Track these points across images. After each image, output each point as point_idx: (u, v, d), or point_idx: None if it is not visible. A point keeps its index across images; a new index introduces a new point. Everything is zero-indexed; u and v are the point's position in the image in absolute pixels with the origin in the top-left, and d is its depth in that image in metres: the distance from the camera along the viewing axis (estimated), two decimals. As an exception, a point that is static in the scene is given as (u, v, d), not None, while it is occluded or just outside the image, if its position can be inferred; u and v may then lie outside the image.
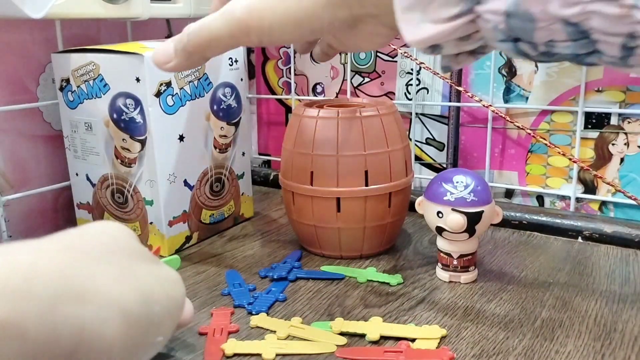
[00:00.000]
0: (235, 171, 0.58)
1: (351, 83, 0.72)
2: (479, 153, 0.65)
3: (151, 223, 0.51)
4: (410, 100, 0.67)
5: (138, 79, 0.47)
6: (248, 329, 0.39)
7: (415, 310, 0.41)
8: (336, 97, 0.73)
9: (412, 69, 0.66)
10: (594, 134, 0.58)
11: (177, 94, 0.50)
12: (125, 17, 0.54)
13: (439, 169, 0.68)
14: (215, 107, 0.54)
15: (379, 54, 0.69)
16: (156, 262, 0.32)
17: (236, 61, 0.56)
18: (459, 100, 0.64)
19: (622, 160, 0.57)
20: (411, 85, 0.67)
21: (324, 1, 0.34)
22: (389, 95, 0.70)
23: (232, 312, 0.41)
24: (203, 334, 0.38)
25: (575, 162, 0.56)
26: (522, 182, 0.63)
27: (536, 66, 0.59)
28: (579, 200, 0.60)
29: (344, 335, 0.37)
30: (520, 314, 0.40)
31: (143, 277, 0.29)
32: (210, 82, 0.53)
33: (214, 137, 0.55)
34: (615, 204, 0.58)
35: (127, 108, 0.48)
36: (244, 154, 0.59)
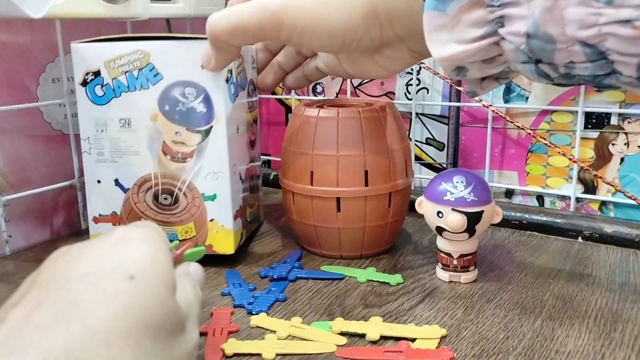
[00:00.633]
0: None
1: (351, 83, 0.72)
2: (479, 153, 0.65)
3: (211, 220, 0.48)
4: (410, 100, 0.67)
5: (203, 66, 0.44)
6: (248, 329, 0.39)
7: (415, 310, 0.41)
8: (336, 97, 0.73)
9: (412, 69, 0.66)
10: (594, 134, 0.58)
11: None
12: (125, 17, 0.54)
13: (439, 169, 0.68)
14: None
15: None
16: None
17: None
18: (459, 100, 0.64)
19: (622, 160, 0.57)
20: (411, 85, 0.67)
21: (360, 17, 0.35)
22: (389, 95, 0.70)
23: (232, 312, 0.41)
24: (203, 333, 0.38)
25: (575, 162, 0.56)
26: (522, 182, 0.63)
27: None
28: (579, 200, 0.60)
29: (344, 335, 0.37)
30: (520, 314, 0.40)
31: None
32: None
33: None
34: (615, 204, 0.58)
35: (186, 98, 0.45)
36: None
